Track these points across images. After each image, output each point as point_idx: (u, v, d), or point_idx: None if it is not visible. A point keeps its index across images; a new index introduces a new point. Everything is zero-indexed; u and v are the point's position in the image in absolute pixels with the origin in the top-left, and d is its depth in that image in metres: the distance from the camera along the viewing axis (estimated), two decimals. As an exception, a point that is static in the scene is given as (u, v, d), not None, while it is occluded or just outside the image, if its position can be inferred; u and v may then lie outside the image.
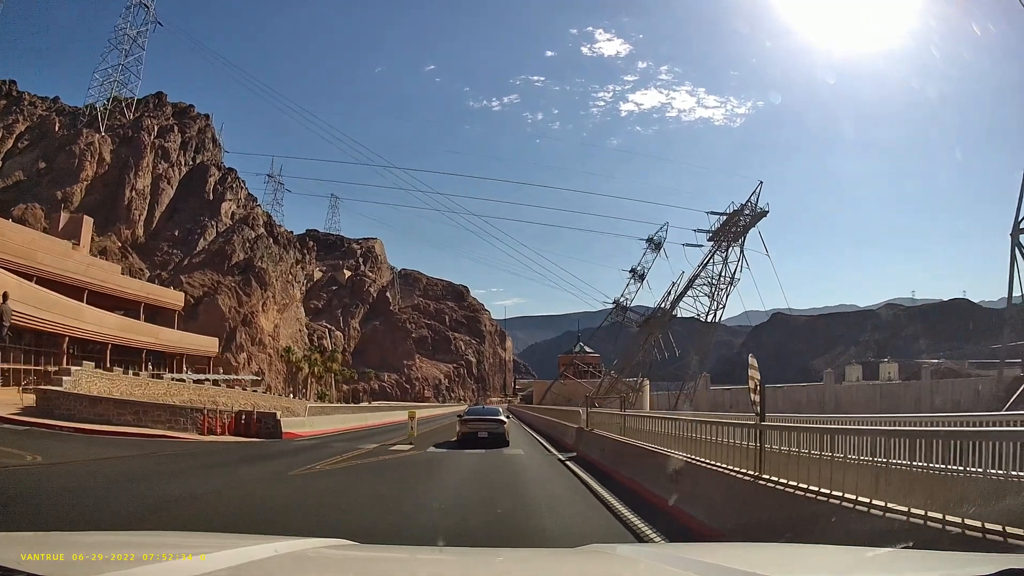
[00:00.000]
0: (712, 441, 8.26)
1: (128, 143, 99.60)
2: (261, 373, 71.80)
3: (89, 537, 3.14)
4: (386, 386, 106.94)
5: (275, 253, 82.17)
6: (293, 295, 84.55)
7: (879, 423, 12.70)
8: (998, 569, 1.75)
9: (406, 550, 3.58)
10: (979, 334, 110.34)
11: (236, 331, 69.83)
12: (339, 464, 14.19)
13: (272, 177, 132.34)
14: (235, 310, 70.64)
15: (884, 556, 2.74)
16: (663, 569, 2.34)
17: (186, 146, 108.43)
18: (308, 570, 2.32)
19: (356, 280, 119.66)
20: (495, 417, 20.72)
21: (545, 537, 6.85)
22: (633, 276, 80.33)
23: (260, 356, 72.01)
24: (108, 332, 37.31)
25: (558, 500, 9.80)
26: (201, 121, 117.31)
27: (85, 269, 42.08)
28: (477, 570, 2.55)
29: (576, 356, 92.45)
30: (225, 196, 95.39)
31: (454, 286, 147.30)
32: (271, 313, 76.15)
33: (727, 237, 50.28)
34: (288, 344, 75.34)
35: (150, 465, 13.45)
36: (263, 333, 73.00)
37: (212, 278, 74.73)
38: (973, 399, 43.62)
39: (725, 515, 6.75)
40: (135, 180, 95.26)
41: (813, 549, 3.30)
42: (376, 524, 7.50)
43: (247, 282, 74.93)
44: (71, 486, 9.47)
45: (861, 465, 5.21)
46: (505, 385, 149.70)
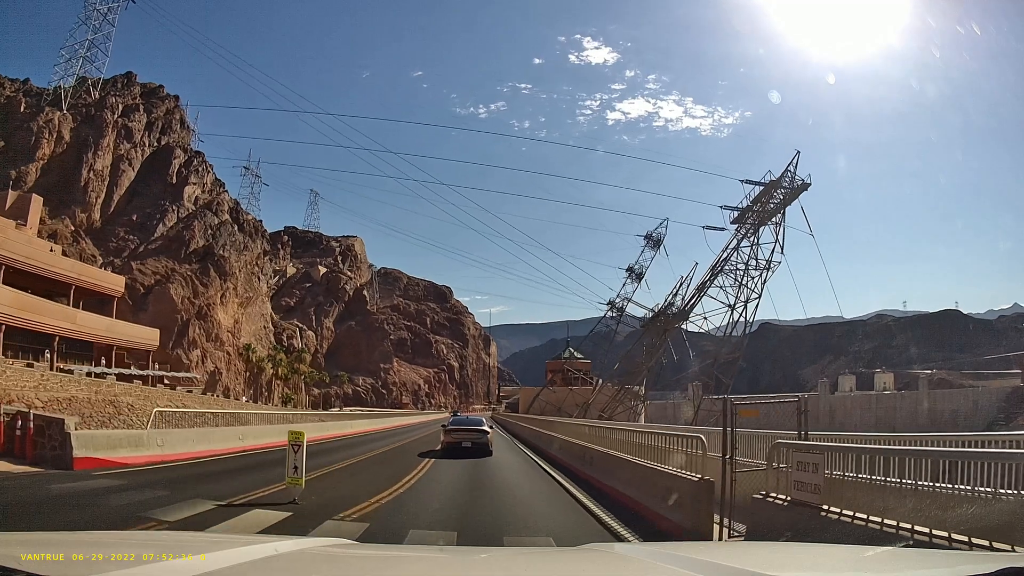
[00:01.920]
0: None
1: (90, 122, 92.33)
2: (217, 373, 64.19)
3: (89, 537, 3.14)
4: (360, 391, 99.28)
5: (239, 241, 74.75)
6: (258, 288, 77.01)
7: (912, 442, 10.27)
8: (997, 568, 1.74)
9: (407, 549, 4.00)
10: (971, 345, 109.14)
11: (189, 325, 62.28)
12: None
13: (249, 170, 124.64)
14: (189, 301, 63.13)
15: (883, 555, 2.73)
16: (662, 568, 2.29)
17: (152, 127, 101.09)
18: (308, 570, 2.26)
19: (331, 277, 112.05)
20: (479, 427, 20.72)
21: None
22: (630, 275, 75.06)
23: (217, 354, 64.45)
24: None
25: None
26: (170, 102, 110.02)
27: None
28: (476, 569, 2.50)
29: (566, 362, 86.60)
30: (189, 180, 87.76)
31: (436, 286, 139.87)
32: (231, 307, 68.61)
33: (759, 217, 43.40)
34: (250, 342, 67.71)
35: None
36: (221, 328, 65.44)
37: (166, 265, 67.18)
38: (972, 410, 43.06)
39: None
40: (94, 160, 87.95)
41: (812, 548, 3.28)
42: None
43: (205, 271, 67.46)
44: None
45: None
46: (489, 392, 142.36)
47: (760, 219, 42.76)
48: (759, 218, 42.86)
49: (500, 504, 10.57)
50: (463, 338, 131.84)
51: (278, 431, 26.24)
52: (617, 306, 76.64)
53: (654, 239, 72.17)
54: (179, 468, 14.65)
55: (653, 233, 71.79)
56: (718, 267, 44.40)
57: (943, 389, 54.41)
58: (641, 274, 72.53)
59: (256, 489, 11.12)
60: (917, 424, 41.87)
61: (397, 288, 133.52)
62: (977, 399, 46.58)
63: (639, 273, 73.35)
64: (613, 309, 77.29)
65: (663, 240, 70.14)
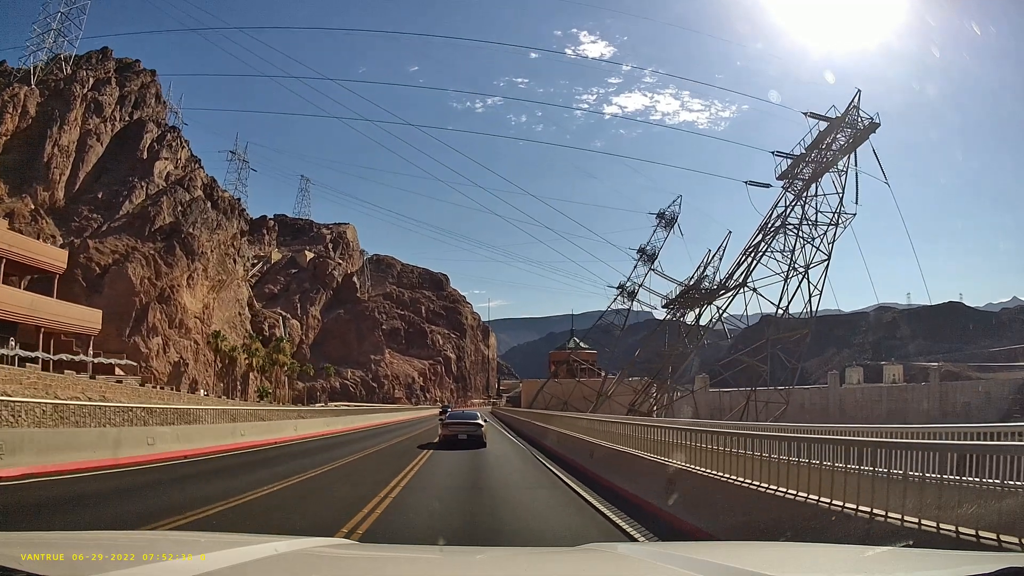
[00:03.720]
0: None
1: (59, 96, 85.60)
2: (183, 364, 57.31)
3: (89, 537, 3.17)
4: (349, 384, 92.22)
5: (212, 219, 67.65)
6: (233, 272, 69.89)
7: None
8: (997, 568, 1.74)
9: (407, 549, 3.70)
10: (974, 338, 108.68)
11: (149, 308, 55.29)
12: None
13: (235, 154, 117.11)
14: (149, 282, 56.15)
15: (883, 555, 2.72)
16: (663, 568, 2.28)
17: (124, 100, 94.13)
18: (309, 570, 2.25)
19: (319, 263, 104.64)
20: (474, 421, 21.65)
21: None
22: (642, 257, 69.07)
23: (182, 342, 57.53)
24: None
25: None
26: (146, 76, 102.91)
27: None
28: (476, 569, 2.49)
29: (571, 352, 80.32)
30: (160, 155, 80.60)
31: (432, 274, 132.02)
32: (200, 290, 61.57)
33: (818, 166, 35.65)
34: (219, 330, 60.55)
35: None
36: (186, 313, 58.44)
37: (127, 244, 60.13)
38: (984, 402, 43.14)
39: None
40: (59, 135, 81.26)
41: (812, 548, 3.25)
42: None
43: (170, 250, 60.44)
44: None
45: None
46: (488, 386, 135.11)
47: (818, 169, 35.45)
48: (818, 167, 35.57)
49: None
50: (460, 328, 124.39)
51: (230, 431, 19.86)
52: (628, 290, 70.54)
53: (667, 217, 66.39)
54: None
55: (666, 211, 66.04)
56: (771, 226, 36.99)
57: (951, 382, 54.21)
58: (654, 255, 67.04)
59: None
60: (930, 416, 41.54)
61: (390, 275, 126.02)
62: (989, 391, 46.56)
63: (651, 254, 67.59)
64: (624, 294, 71.15)
65: (677, 218, 64.35)
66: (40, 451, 10.67)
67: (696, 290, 43.72)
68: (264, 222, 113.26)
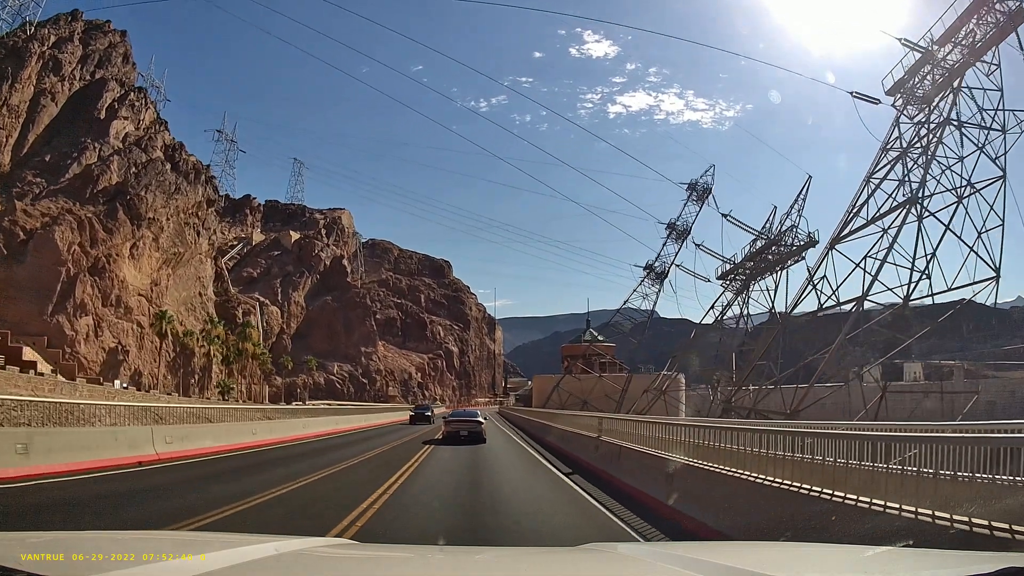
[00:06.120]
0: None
1: (14, 54, 75.45)
2: (122, 350, 46.85)
3: (89, 537, 3.11)
4: (336, 380, 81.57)
5: (170, 183, 57.23)
6: (196, 246, 59.38)
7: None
8: (997, 568, 1.74)
9: (407, 549, 3.58)
10: (987, 336, 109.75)
11: (76, 281, 44.86)
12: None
13: (222, 133, 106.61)
14: (81, 249, 45.84)
15: (884, 555, 2.72)
16: (662, 568, 2.28)
17: (87, 60, 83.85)
18: (309, 570, 2.24)
19: (304, 244, 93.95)
20: (474, 419, 23.91)
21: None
22: (672, 233, 60.24)
23: (120, 324, 47.13)
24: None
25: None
26: (115, 36, 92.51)
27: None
28: (477, 568, 2.47)
29: (588, 346, 70.32)
30: (119, 114, 70.32)
31: (433, 260, 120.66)
32: (146, 262, 51.15)
33: (957, 65, 25.17)
34: (170, 311, 49.91)
35: None
36: (126, 289, 48.03)
37: (61, 206, 49.74)
38: (1009, 400, 42.71)
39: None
40: (9, 94, 71.17)
41: (813, 548, 3.23)
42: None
43: (112, 213, 50.15)
44: None
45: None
46: (494, 383, 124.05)
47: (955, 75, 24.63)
48: (959, 61, 24.79)
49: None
50: (464, 319, 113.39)
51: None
52: (656, 270, 61.04)
53: (700, 189, 57.47)
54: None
55: (698, 182, 57.28)
56: (916, 139, 26.09)
57: (969, 379, 51.61)
58: (687, 230, 58.27)
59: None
60: (955, 416, 37.89)
61: (387, 261, 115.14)
62: (1015, 389, 45.87)
63: (683, 230, 58.60)
64: (651, 274, 61.53)
65: (712, 189, 55.76)
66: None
67: (768, 251, 33.05)
68: (248, 202, 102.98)
